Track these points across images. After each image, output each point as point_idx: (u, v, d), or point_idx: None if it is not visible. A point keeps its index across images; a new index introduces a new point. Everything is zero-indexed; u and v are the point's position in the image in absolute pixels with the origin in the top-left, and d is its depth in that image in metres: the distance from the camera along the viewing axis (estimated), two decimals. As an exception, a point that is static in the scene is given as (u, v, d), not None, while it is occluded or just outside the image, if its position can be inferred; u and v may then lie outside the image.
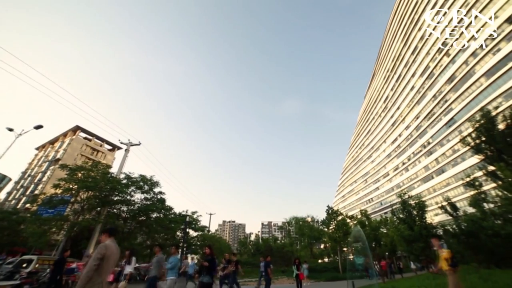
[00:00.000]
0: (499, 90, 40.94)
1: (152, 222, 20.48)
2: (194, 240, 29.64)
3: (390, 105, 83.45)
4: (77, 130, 60.91)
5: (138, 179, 19.92)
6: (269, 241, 39.40)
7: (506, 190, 13.98)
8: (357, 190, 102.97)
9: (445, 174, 54.57)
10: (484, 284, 7.62)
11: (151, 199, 20.46)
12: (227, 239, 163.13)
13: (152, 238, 21.50)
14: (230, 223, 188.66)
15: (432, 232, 19.02)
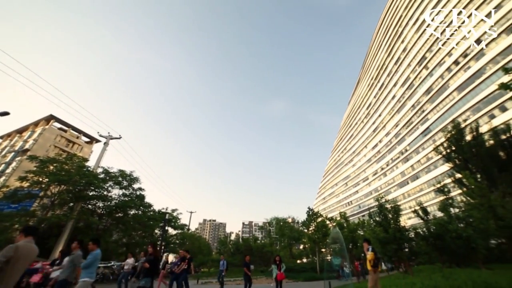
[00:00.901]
0: (468, 104, 44.37)
1: (129, 219, 19.78)
2: (173, 239, 29.04)
3: (373, 112, 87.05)
4: (50, 120, 57.19)
5: (117, 174, 19.16)
6: (249, 241, 39.59)
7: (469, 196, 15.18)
8: (338, 193, 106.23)
9: (419, 180, 57.98)
10: (446, 282, 8.27)
11: (130, 195, 19.77)
12: (207, 238, 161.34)
13: (129, 236, 20.75)
14: (211, 222, 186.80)
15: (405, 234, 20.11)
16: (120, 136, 19.50)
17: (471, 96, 44.23)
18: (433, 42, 55.84)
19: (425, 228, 17.95)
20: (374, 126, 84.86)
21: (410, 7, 66.37)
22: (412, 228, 20.70)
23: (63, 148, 54.97)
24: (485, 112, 41.01)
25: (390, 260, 22.60)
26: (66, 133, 59.43)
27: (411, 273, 15.61)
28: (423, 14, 60.03)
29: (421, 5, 61.44)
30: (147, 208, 21.88)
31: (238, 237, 48.69)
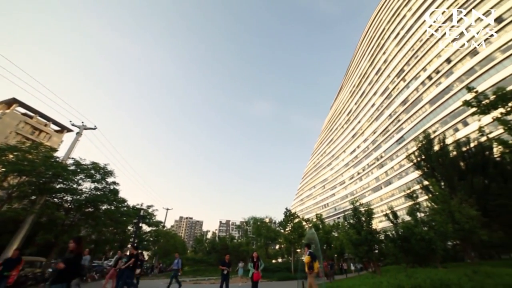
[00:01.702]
0: (438, 117, 48.23)
1: (100, 214, 18.78)
2: (146, 236, 28.12)
3: (353, 118, 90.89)
4: (13, 104, 52.36)
5: (89, 167, 18.08)
6: (226, 239, 39.49)
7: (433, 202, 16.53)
8: (315, 195, 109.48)
9: (391, 185, 61.68)
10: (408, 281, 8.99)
11: (103, 190, 18.77)
12: (183, 235, 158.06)
13: (99, 232, 19.70)
14: (187, 220, 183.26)
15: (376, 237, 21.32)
16: (96, 127, 18.46)
17: (440, 110, 48.08)
18: (411, 57, 59.71)
19: (394, 231, 19.21)
20: (353, 132, 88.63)
21: (393, 21, 70.33)
22: (382, 231, 22.07)
23: (27, 136, 50.61)
24: (451, 125, 44.79)
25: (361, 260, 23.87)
26: (32, 119, 54.74)
27: (379, 273, 16.64)
28: (403, 29, 64.02)
29: (402, 21, 65.40)
30: (120, 203, 20.93)
31: (215, 235, 48.31)
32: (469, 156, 21.46)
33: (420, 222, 18.05)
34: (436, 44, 52.15)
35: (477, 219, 14.23)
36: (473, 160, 20.89)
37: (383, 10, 78.35)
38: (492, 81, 37.53)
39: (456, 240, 16.09)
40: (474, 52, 43.22)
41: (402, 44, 63.90)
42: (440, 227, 14.82)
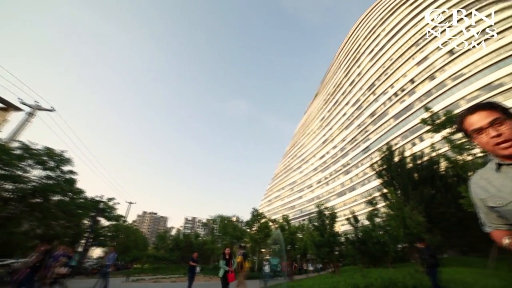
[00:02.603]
0: (400, 131, 53.33)
1: (51, 206, 16.93)
2: (104, 231, 26.14)
3: (325, 124, 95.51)
4: None
5: (42, 152, 16.16)
6: (191, 237, 38.66)
7: (390, 208, 18.28)
8: (283, 196, 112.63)
9: (355, 191, 66.26)
10: (363, 280, 9.90)
11: (57, 179, 16.95)
12: (145, 231, 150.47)
13: (47, 226, 17.67)
14: (151, 215, 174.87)
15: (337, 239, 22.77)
16: (53, 109, 16.69)
17: (402, 125, 53.21)
18: (382, 73, 64.89)
19: (354, 234, 20.76)
20: (324, 138, 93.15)
21: (368, 38, 75.62)
22: (343, 234, 23.71)
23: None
24: (410, 139, 49.90)
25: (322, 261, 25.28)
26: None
27: (338, 273, 17.85)
28: (377, 47, 69.26)
29: (377, 39, 70.71)
30: (77, 194, 19.13)
31: (179, 232, 46.91)
32: (421, 169, 24.16)
33: (377, 226, 19.84)
34: (403, 65, 57.52)
35: (423, 225, 16.09)
36: (424, 173, 23.56)
37: (361, 26, 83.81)
38: (444, 104, 42.77)
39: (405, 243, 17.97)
40: (432, 76, 48.83)
41: (375, 60, 69.07)
42: (394, 231, 16.45)
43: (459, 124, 1.16)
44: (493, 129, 1.02)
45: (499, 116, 1.02)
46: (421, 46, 53.33)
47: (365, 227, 21.22)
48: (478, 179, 1.18)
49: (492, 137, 1.02)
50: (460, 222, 18.99)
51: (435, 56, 49.28)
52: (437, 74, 48.04)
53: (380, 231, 18.96)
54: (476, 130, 1.06)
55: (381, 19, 70.55)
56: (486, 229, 1.24)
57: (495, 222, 1.16)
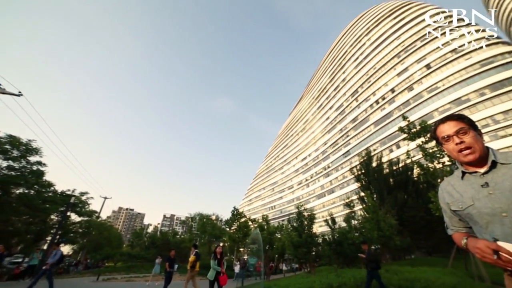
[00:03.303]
0: (379, 137, 55.95)
1: (12, 199, 15.51)
2: (75, 227, 24.53)
3: (308, 127, 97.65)
4: None
5: (3, 141, 14.75)
6: (168, 234, 37.70)
7: (366, 211, 19.18)
8: (264, 196, 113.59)
9: (334, 194, 68.50)
10: (337, 279, 10.34)
11: (21, 170, 15.59)
12: (120, 228, 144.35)
13: (5, 222, 16.03)
14: (128, 211, 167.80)
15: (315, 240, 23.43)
16: (20, 93, 15.41)
17: (382, 132, 55.94)
18: (365, 81, 67.62)
19: (331, 235, 21.52)
20: (307, 140, 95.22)
21: (354, 46, 78.44)
22: (321, 235, 24.47)
23: None
24: (387, 146, 52.58)
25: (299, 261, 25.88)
26: None
27: (313, 273, 18.39)
28: (362, 55, 72.08)
29: (362, 48, 73.58)
30: (45, 187, 17.74)
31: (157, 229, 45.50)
32: (397, 174, 25.63)
33: (353, 228, 20.72)
34: (385, 74, 60.43)
35: (395, 228, 17.12)
36: (399, 178, 25.01)
37: (348, 34, 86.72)
38: (420, 114, 45.63)
39: (378, 244, 18.96)
40: (411, 87, 51.84)
41: (359, 68, 71.83)
42: (368, 233, 17.30)
43: (433, 131, 1.34)
44: (458, 137, 1.20)
45: (464, 126, 1.21)
46: (402, 58, 56.40)
47: (341, 228, 22.09)
48: (446, 185, 1.35)
49: (457, 144, 1.20)
50: (427, 225, 20.43)
51: (414, 68, 52.38)
52: (415, 85, 51.09)
53: (356, 232, 19.83)
54: (445, 137, 1.25)
55: (367, 29, 73.54)
56: (449, 231, 1.41)
57: (457, 225, 1.34)
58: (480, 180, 1.17)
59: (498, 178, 1.11)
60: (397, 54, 58.46)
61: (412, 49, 54.43)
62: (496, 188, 1.10)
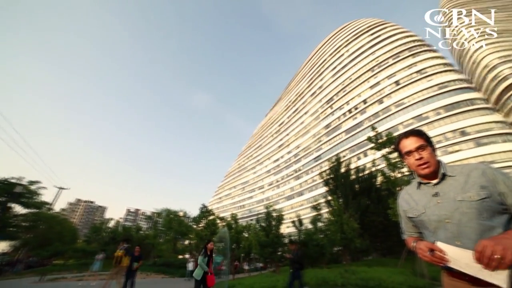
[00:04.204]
0: (349, 145, 59.46)
1: None
2: (16, 220, 21.75)
3: (283, 130, 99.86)
4: None
5: None
6: (131, 230, 35.73)
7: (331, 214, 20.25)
8: (234, 195, 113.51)
9: (302, 196, 71.01)
10: (300, 278, 10.89)
11: None
12: (77, 221, 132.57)
13: None
14: (87, 204, 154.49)
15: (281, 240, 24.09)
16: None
17: (352, 139, 59.51)
18: (340, 90, 71.21)
19: (297, 236, 22.36)
20: (280, 142, 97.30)
21: (333, 55, 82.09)
22: (288, 236, 25.29)
23: None
24: (356, 154, 56.08)
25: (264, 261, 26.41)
26: None
27: (278, 272, 18.96)
28: (340, 65, 75.74)
29: (340, 58, 77.36)
30: None
31: (119, 224, 42.71)
32: (362, 181, 27.49)
33: (319, 230, 21.78)
34: (359, 86, 64.36)
35: (357, 231, 18.36)
36: (363, 185, 26.86)
37: (328, 43, 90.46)
38: (387, 126, 49.49)
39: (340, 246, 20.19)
40: (381, 100, 55.95)
41: (336, 77, 75.40)
42: (332, 235, 18.32)
43: (397, 144, 1.51)
44: (418, 153, 1.36)
45: (423, 143, 1.38)
46: (375, 72, 60.59)
47: (308, 230, 23.09)
48: (404, 194, 1.53)
49: (416, 159, 1.36)
50: (385, 229, 22.29)
51: (385, 83, 56.63)
52: (384, 99, 55.27)
53: (321, 234, 20.86)
54: (407, 152, 1.42)
55: (346, 41, 77.51)
56: (404, 236, 1.59)
57: (410, 230, 1.53)
58: (432, 190, 1.35)
59: (446, 189, 1.29)
60: (371, 68, 62.61)
61: (384, 65, 58.79)
62: (443, 198, 1.28)
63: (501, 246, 0.93)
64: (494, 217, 1.14)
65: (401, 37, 60.39)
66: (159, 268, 23.77)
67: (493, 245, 0.94)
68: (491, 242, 0.96)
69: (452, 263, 1.09)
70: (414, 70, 51.88)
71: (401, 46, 58.23)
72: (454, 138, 41.70)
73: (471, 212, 1.16)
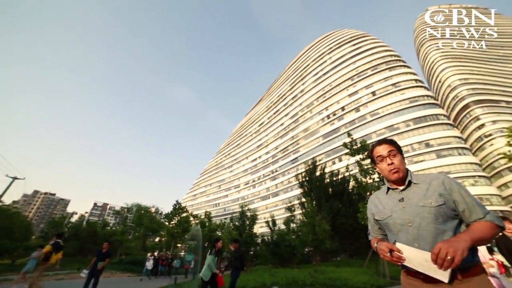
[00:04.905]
0: (325, 149, 61.66)
1: None
2: None
3: (262, 130, 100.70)
4: None
5: None
6: (97, 225, 33.56)
7: (304, 216, 20.92)
8: (209, 193, 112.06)
9: (278, 197, 72.19)
10: (271, 278, 11.10)
11: None
12: (32, 216, 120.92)
13: None
14: (46, 196, 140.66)
15: (254, 240, 24.31)
16: None
17: (328, 144, 61.82)
18: (320, 95, 73.53)
19: (270, 237, 22.72)
20: (259, 143, 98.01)
21: (316, 61, 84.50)
22: (260, 235, 25.58)
23: None
24: (331, 158, 58.34)
25: (236, 259, 26.46)
26: None
27: (249, 271, 19.12)
28: (322, 71, 78.16)
29: (323, 65, 79.80)
30: None
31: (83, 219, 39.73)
32: (335, 185, 28.68)
33: (291, 231, 22.33)
34: (338, 93, 67.02)
35: (328, 233, 19.17)
36: (336, 188, 28.04)
37: (312, 49, 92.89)
38: (362, 133, 52.16)
39: (312, 247, 20.92)
40: (358, 109, 58.81)
41: (317, 82, 77.72)
42: (304, 236, 18.91)
43: (370, 151, 1.64)
44: (390, 158, 1.50)
45: (394, 149, 1.51)
46: (354, 81, 63.54)
47: (280, 230, 23.55)
48: (374, 198, 1.67)
49: (388, 164, 1.49)
50: (354, 231, 23.50)
51: (363, 93, 59.60)
52: (361, 108, 58.20)
53: (293, 235, 21.41)
54: (379, 157, 1.55)
55: (330, 48, 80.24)
56: (370, 237, 1.71)
57: (376, 232, 1.65)
58: (399, 195, 1.48)
59: (410, 195, 1.43)
60: (351, 77, 65.54)
61: (363, 75, 61.87)
62: (408, 203, 1.42)
63: (452, 248, 1.07)
64: (447, 221, 1.31)
65: (379, 51, 64.03)
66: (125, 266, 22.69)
67: (446, 248, 1.08)
68: (445, 245, 1.10)
69: (407, 262, 1.25)
70: (390, 83, 55.34)
71: (379, 59, 61.76)
72: (420, 149, 45.34)
73: (429, 216, 1.31)
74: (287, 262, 20.04)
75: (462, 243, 1.10)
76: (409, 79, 54.18)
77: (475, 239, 1.16)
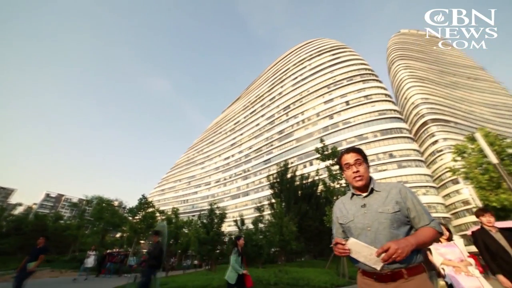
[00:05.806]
0: (298, 152, 63.72)
1: None
2: None
3: (238, 129, 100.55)
4: None
5: None
6: (47, 218, 30.37)
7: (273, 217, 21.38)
8: (178, 188, 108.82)
9: (248, 197, 72.64)
10: (235, 276, 11.26)
11: None
12: None
13: None
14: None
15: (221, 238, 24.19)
16: None
17: (301, 148, 63.94)
18: (297, 100, 75.60)
19: (238, 236, 22.87)
20: (233, 141, 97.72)
21: (297, 66, 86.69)
22: (228, 234, 25.57)
23: None
24: (303, 162, 60.41)
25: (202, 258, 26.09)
26: None
27: (214, 270, 19.02)
28: (301, 76, 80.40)
29: (302, 70, 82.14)
30: None
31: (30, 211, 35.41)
32: (304, 188, 29.79)
33: (259, 231, 22.69)
34: (315, 99, 69.58)
35: (294, 234, 19.82)
36: (306, 191, 29.15)
37: (293, 54, 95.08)
38: (334, 140, 54.85)
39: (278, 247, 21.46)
40: (331, 116, 61.67)
41: (296, 87, 79.82)
42: (271, 237, 19.35)
43: (339, 158, 1.79)
44: (356, 166, 1.63)
45: (360, 158, 1.64)
46: (330, 89, 66.53)
47: (249, 230, 23.81)
48: (339, 203, 1.80)
49: (353, 172, 1.62)
50: (319, 233, 24.63)
51: (337, 101, 62.67)
52: (335, 115, 61.17)
53: (261, 235, 21.77)
54: (346, 164, 1.68)
55: (310, 55, 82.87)
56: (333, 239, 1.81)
57: (339, 235, 1.75)
58: (361, 201, 1.60)
59: (372, 201, 1.56)
60: (328, 85, 68.46)
61: (339, 85, 65.08)
62: (369, 209, 1.54)
63: (400, 249, 1.26)
64: (401, 227, 1.47)
65: (356, 63, 67.87)
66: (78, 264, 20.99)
67: (395, 248, 1.26)
68: (394, 244, 1.27)
69: (353, 254, 1.41)
70: (363, 95, 58.99)
71: (355, 71, 65.50)
72: (384, 159, 49.19)
73: (386, 222, 1.45)
74: (253, 261, 20.33)
75: (409, 246, 1.30)
76: (380, 93, 58.35)
77: (419, 242, 1.36)
